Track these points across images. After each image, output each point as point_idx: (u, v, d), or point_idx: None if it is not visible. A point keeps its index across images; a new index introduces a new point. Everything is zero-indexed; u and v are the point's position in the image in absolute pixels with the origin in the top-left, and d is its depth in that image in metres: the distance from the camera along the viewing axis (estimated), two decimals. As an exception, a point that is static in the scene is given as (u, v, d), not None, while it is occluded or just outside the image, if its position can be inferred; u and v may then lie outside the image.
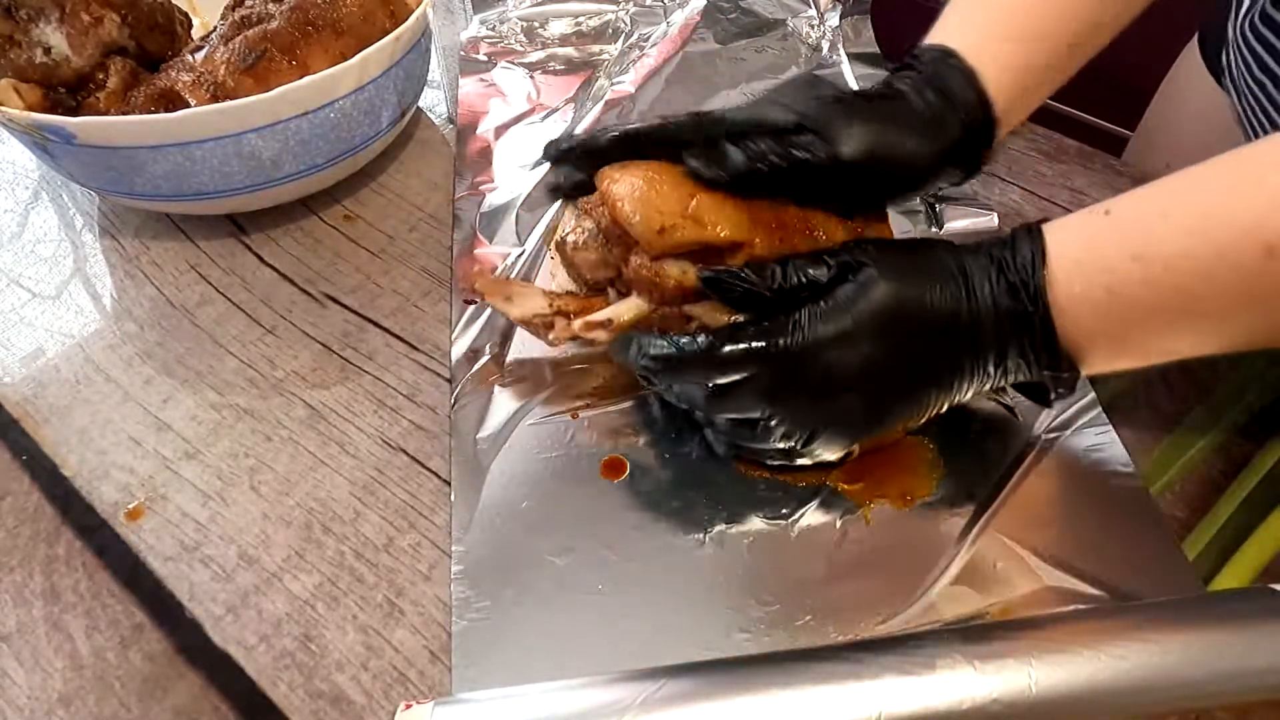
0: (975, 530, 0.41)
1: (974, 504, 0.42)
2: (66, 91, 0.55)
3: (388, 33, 0.56)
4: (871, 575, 0.40)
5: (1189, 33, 0.67)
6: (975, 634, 0.33)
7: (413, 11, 0.58)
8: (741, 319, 0.41)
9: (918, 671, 0.32)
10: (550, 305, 0.46)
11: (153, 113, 0.53)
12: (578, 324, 0.44)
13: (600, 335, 0.44)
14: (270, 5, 0.57)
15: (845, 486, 0.43)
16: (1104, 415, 0.45)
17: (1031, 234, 0.36)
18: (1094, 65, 0.46)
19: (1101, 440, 0.44)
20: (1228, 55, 0.59)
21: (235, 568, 0.42)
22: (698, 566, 0.40)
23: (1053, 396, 0.39)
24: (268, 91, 0.51)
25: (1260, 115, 0.56)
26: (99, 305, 0.55)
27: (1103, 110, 1.21)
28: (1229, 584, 0.40)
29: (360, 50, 0.54)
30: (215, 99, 0.53)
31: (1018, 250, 0.36)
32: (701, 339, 0.39)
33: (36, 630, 0.40)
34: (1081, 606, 0.38)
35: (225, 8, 0.60)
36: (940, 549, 0.40)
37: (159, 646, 0.40)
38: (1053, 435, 0.44)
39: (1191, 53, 0.66)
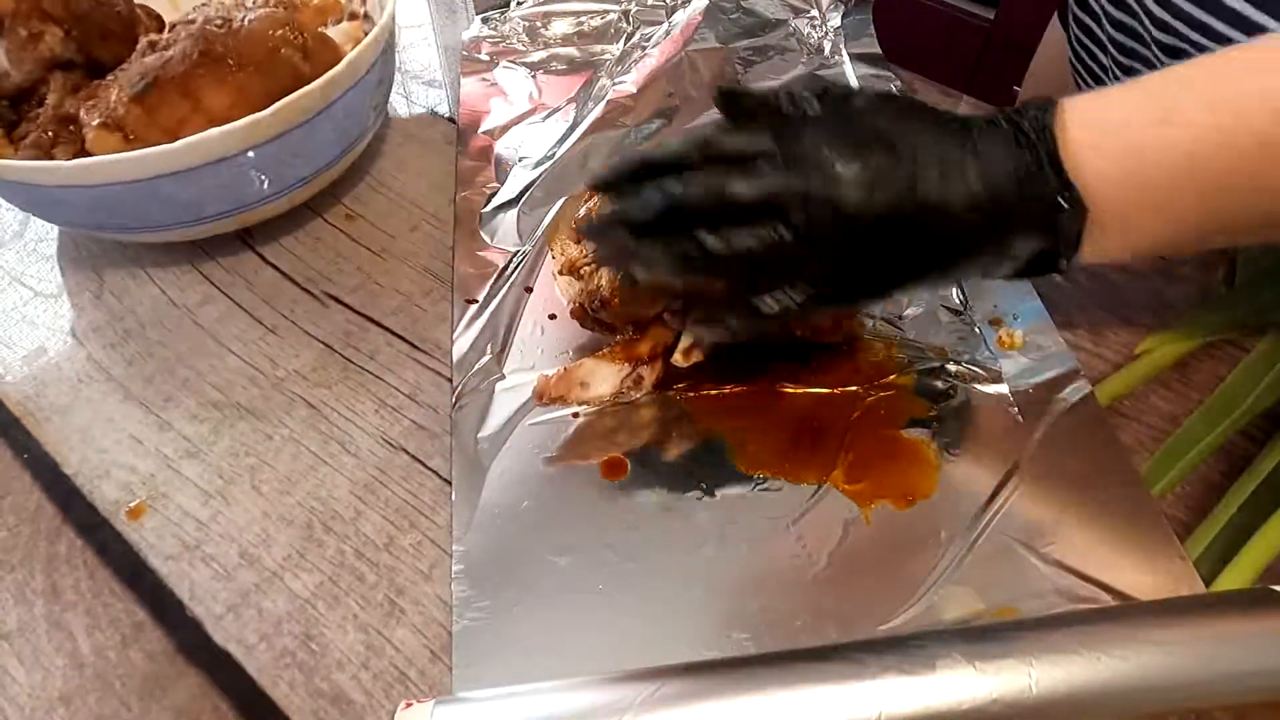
0: (976, 531, 0.41)
1: (974, 505, 0.42)
2: (9, 105, 0.55)
3: (299, 71, 0.53)
4: (871, 575, 0.40)
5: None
6: (975, 634, 0.33)
7: (331, 52, 0.56)
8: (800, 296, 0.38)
9: (918, 671, 0.32)
10: (627, 363, 0.46)
11: (53, 135, 0.53)
12: (676, 357, 0.44)
13: (698, 356, 0.44)
14: (180, 29, 0.54)
15: (846, 486, 0.43)
16: (1105, 416, 0.45)
17: (1045, 104, 0.36)
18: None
19: (1102, 441, 0.44)
20: None
21: (236, 566, 0.42)
22: (698, 566, 0.40)
23: (1062, 263, 0.37)
24: (158, 121, 0.50)
25: (1082, 48, 0.63)
26: (100, 304, 0.55)
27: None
28: (1230, 585, 0.40)
29: (265, 87, 0.52)
30: (108, 126, 0.51)
31: (1027, 109, 0.36)
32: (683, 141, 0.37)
33: (37, 629, 0.40)
34: (1081, 606, 0.38)
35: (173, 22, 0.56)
36: (940, 549, 0.40)
37: (159, 645, 0.40)
38: (1052, 435, 0.44)
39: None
